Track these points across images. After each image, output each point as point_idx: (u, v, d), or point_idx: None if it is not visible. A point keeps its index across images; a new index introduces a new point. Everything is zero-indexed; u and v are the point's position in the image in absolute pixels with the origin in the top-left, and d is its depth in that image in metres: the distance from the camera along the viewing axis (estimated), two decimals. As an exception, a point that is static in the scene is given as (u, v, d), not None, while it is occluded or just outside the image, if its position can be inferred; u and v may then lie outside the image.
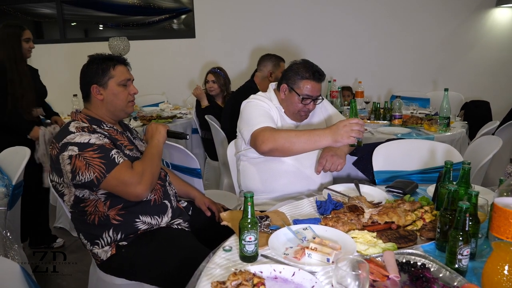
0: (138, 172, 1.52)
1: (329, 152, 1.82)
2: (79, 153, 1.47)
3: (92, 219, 1.57)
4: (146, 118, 3.62)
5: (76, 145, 1.49)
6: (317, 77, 1.87)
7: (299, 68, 1.89)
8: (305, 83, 1.86)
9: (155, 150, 1.66)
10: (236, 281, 0.98)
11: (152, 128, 1.74)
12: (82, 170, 1.46)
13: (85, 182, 1.48)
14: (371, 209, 1.38)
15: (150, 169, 1.57)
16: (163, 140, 1.72)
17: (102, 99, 1.64)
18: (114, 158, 1.50)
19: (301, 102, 1.87)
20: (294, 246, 1.22)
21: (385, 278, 1.05)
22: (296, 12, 4.65)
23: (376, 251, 1.17)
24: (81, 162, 1.47)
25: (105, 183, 1.48)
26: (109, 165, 1.48)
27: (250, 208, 1.13)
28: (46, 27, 6.23)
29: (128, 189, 1.50)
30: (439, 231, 1.22)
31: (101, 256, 1.60)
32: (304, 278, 1.04)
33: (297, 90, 1.87)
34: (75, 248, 2.91)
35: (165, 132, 1.73)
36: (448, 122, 2.84)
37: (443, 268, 1.08)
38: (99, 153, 1.48)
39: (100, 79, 1.62)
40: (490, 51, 4.39)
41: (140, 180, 1.50)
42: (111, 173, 1.47)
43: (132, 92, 1.69)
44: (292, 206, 1.57)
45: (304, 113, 1.92)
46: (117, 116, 1.71)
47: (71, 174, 1.49)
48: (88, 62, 1.66)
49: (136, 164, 1.56)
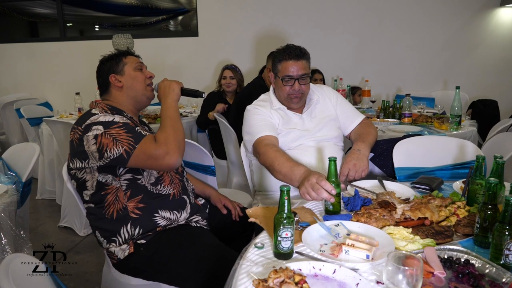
0: (162, 142, 1.46)
1: (351, 161, 1.71)
2: (105, 131, 1.44)
3: (111, 213, 1.52)
4: (150, 116, 3.56)
5: (100, 123, 1.46)
6: (293, 55, 1.82)
7: (278, 53, 1.89)
8: (283, 65, 1.84)
9: (171, 111, 1.60)
10: (278, 278, 0.93)
11: (164, 85, 1.66)
12: (110, 146, 1.42)
13: (113, 159, 1.43)
14: (402, 204, 1.34)
15: (173, 135, 1.50)
16: (178, 98, 1.66)
17: (122, 86, 1.64)
18: (140, 132, 1.48)
19: (285, 85, 1.85)
20: (329, 243, 1.18)
21: (430, 275, 1.01)
22: (302, 9, 4.62)
23: (416, 247, 1.12)
24: (108, 139, 1.43)
25: (134, 158, 1.44)
26: (136, 138, 1.45)
27: (287, 203, 1.08)
28: (41, 27, 6.15)
29: (158, 161, 1.45)
30: (478, 226, 1.17)
31: (118, 254, 1.54)
32: (346, 275, 0.99)
33: (279, 74, 1.86)
34: (80, 249, 2.83)
35: (179, 89, 1.67)
36: (460, 120, 2.82)
37: (488, 264, 1.04)
38: (124, 129, 1.46)
39: (116, 68, 1.65)
40: (495, 51, 4.39)
41: (167, 150, 1.45)
42: (140, 144, 1.43)
43: (148, 75, 1.70)
44: (315, 203, 1.52)
45: (294, 96, 1.86)
46: (139, 102, 1.69)
47: (98, 153, 1.44)
48: (101, 62, 1.71)
49: (158, 134, 1.51)
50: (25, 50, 5.45)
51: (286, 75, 1.83)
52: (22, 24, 6.09)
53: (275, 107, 1.92)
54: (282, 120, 1.90)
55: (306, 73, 1.84)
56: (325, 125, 1.93)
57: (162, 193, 1.58)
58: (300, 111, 1.95)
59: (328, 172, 1.37)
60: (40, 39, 5.80)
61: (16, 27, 6.09)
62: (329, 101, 2.03)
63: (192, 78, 5.00)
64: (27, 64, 5.47)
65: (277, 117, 1.90)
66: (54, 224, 3.20)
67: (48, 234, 3.07)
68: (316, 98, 1.98)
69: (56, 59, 5.36)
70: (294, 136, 1.88)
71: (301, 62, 1.83)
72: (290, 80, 1.83)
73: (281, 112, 1.93)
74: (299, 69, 1.82)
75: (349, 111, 2.05)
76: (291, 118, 1.92)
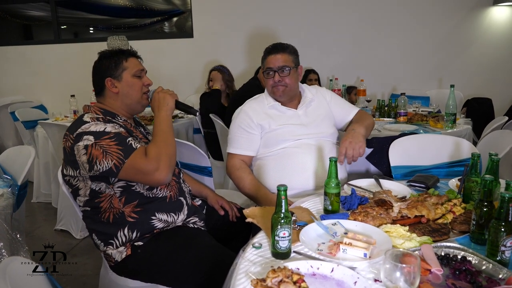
0: (153, 157, 1.43)
1: (346, 139, 1.79)
2: (96, 142, 1.41)
3: (107, 217, 1.51)
4: (146, 118, 3.55)
5: (91, 134, 1.42)
6: (273, 49, 1.95)
7: (264, 51, 2.00)
8: (266, 60, 1.96)
9: (165, 125, 1.54)
10: (277, 278, 0.93)
11: (159, 97, 1.59)
12: (100, 159, 1.40)
13: (103, 172, 1.41)
14: (399, 203, 1.34)
15: (165, 151, 1.47)
16: (172, 112, 1.60)
17: (117, 92, 1.59)
18: (131, 144, 1.44)
19: (267, 77, 1.95)
20: (326, 242, 1.18)
21: (427, 272, 1.02)
22: (297, 10, 4.62)
23: (413, 245, 1.13)
24: (98, 151, 1.40)
25: (123, 172, 1.41)
26: (126, 151, 1.41)
27: (284, 202, 1.08)
28: (35, 30, 6.13)
29: (147, 177, 1.43)
30: (474, 223, 1.18)
31: (115, 257, 1.53)
32: (344, 274, 0.99)
33: (263, 70, 1.98)
34: (77, 252, 2.82)
35: (173, 103, 1.61)
36: (455, 118, 2.83)
37: (484, 260, 1.04)
38: (115, 140, 1.42)
39: (114, 72, 1.58)
40: (488, 49, 4.42)
41: (157, 166, 1.42)
42: (129, 159, 1.40)
43: (146, 83, 1.65)
44: (313, 202, 1.53)
45: (276, 88, 1.93)
46: (133, 110, 1.66)
47: (88, 165, 1.42)
48: (100, 57, 1.64)
49: (149, 148, 1.46)
50: (20, 53, 5.41)
51: (267, 68, 1.94)
52: (16, 27, 6.07)
53: (269, 104, 1.97)
54: (274, 118, 1.93)
55: (286, 65, 1.91)
56: (321, 121, 1.97)
57: (158, 196, 1.57)
58: (295, 107, 1.99)
59: (329, 172, 1.38)
60: (34, 41, 5.77)
61: (10, 30, 6.06)
62: (324, 99, 2.06)
63: (187, 79, 5.00)
64: (22, 67, 5.44)
65: (266, 118, 1.93)
66: (50, 227, 3.18)
67: (45, 238, 3.05)
68: (311, 97, 2.02)
69: (51, 62, 5.32)
70: (289, 130, 1.90)
71: (281, 55, 1.93)
72: (270, 72, 1.93)
73: (274, 109, 1.96)
74: (279, 61, 1.92)
75: (345, 104, 2.13)
76: (285, 113, 1.96)
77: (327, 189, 1.38)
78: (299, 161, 1.84)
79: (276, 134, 1.90)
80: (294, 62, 1.95)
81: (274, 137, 1.90)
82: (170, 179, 1.51)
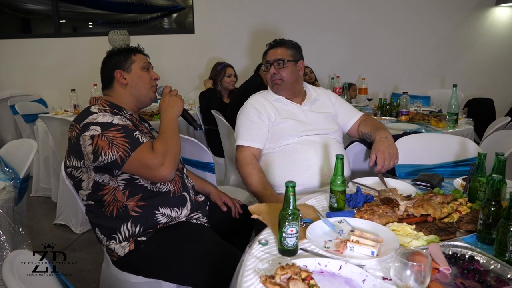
0: (159, 152, 1.44)
1: (385, 150, 1.73)
2: (102, 133, 1.41)
3: (111, 211, 1.50)
4: (147, 114, 3.54)
5: (98, 124, 1.43)
6: (271, 45, 2.02)
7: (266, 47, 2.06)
8: (265, 54, 2.03)
9: (173, 125, 1.58)
10: (285, 275, 0.92)
11: (171, 100, 1.64)
12: (105, 150, 1.40)
13: (107, 163, 1.41)
14: (405, 201, 1.34)
15: (172, 148, 1.48)
16: (180, 114, 1.66)
17: (127, 83, 1.63)
18: (138, 138, 1.45)
19: (265, 71, 2.01)
20: (333, 239, 1.17)
21: (435, 271, 1.01)
22: (299, 7, 4.61)
23: (420, 244, 1.12)
24: (104, 142, 1.40)
25: (128, 165, 1.41)
26: (133, 144, 1.42)
27: (292, 199, 1.07)
28: (34, 24, 6.08)
29: (152, 172, 1.43)
30: (481, 223, 1.18)
31: (118, 252, 1.52)
32: (352, 272, 0.99)
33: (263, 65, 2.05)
34: (77, 247, 2.81)
35: (181, 110, 1.66)
36: (457, 118, 2.83)
37: (492, 260, 1.04)
38: (122, 132, 1.43)
39: (123, 64, 1.63)
40: (490, 49, 4.42)
41: (163, 161, 1.43)
42: (135, 152, 1.41)
43: (154, 77, 1.69)
44: (318, 199, 1.52)
45: (273, 80, 1.96)
46: (141, 102, 1.68)
47: (92, 155, 1.41)
48: (108, 54, 1.69)
49: (156, 143, 1.47)
50: (19, 46, 5.38)
51: (266, 61, 2.00)
52: (15, 21, 6.02)
53: (274, 98, 1.99)
54: (279, 111, 1.95)
55: (281, 58, 1.95)
56: (325, 119, 1.98)
57: (162, 190, 1.56)
58: (299, 103, 2.00)
59: (335, 169, 1.37)
60: (34, 35, 5.73)
61: (9, 23, 6.02)
62: (329, 100, 2.09)
63: (188, 75, 4.97)
64: (21, 61, 5.40)
65: (273, 110, 1.94)
66: (49, 221, 3.16)
67: (44, 232, 3.04)
68: (316, 95, 2.04)
69: (50, 56, 5.29)
70: (294, 125, 1.90)
71: (277, 49, 1.98)
72: (267, 65, 1.98)
73: (278, 103, 1.98)
74: (274, 55, 1.97)
75: (349, 108, 2.14)
76: (289, 108, 1.97)
77: (333, 187, 1.38)
78: (304, 157, 1.84)
79: (282, 128, 1.90)
80: (293, 56, 1.97)
81: (280, 131, 1.89)
82: (173, 176, 1.51)
